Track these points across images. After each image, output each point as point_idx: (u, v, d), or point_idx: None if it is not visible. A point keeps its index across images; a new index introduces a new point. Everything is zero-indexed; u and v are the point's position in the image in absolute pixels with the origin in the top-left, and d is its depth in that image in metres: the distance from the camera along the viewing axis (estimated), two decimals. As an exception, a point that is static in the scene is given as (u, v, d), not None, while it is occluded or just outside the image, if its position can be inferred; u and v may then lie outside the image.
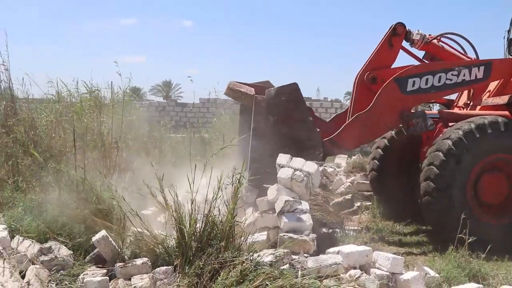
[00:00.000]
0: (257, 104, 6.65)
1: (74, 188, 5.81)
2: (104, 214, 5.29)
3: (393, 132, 8.89)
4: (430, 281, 5.11)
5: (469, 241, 5.69)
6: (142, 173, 6.44)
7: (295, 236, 5.11)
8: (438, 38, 8.33)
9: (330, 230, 7.14)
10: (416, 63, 8.20)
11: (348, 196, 9.73)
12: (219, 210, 4.56)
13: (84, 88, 9.19)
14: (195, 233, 4.50)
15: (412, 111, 7.72)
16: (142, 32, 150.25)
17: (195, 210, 4.52)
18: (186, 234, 4.48)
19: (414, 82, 7.43)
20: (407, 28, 7.96)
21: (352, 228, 7.93)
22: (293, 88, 6.82)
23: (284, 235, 5.13)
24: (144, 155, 8.96)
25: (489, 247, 5.74)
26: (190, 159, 4.87)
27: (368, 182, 9.94)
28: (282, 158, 6.31)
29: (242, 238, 4.60)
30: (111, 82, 9.50)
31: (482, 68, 7.71)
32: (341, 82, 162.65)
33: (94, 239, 4.88)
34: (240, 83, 7.49)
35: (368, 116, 7.29)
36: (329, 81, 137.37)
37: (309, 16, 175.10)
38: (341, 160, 13.67)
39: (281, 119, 6.77)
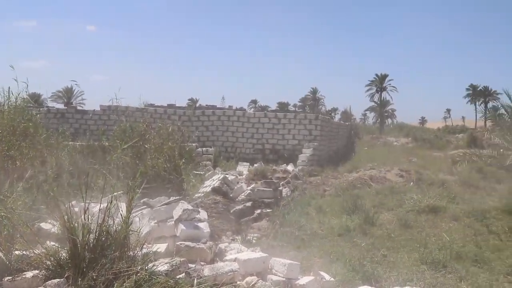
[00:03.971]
0: None
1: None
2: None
3: None
4: (325, 286, 5.26)
5: None
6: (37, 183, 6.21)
7: (192, 244, 5.11)
8: None
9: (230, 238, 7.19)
10: None
11: (249, 204, 9.80)
12: (113, 219, 4.46)
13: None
14: (88, 244, 4.38)
15: None
16: (43, 36, 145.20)
17: (88, 220, 4.40)
18: (79, 245, 4.35)
19: None
20: None
21: (252, 235, 8.00)
22: None
23: (181, 244, 5.12)
24: (40, 163, 8.60)
25: None
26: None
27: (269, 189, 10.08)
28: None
29: (137, 248, 4.53)
30: (9, 87, 9.06)
31: None
32: (246, 92, 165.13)
33: (-21, 252, 4.65)
34: None
35: None
36: (235, 90, 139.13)
37: (215, 30, 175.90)
38: (243, 168, 13.80)
39: None
